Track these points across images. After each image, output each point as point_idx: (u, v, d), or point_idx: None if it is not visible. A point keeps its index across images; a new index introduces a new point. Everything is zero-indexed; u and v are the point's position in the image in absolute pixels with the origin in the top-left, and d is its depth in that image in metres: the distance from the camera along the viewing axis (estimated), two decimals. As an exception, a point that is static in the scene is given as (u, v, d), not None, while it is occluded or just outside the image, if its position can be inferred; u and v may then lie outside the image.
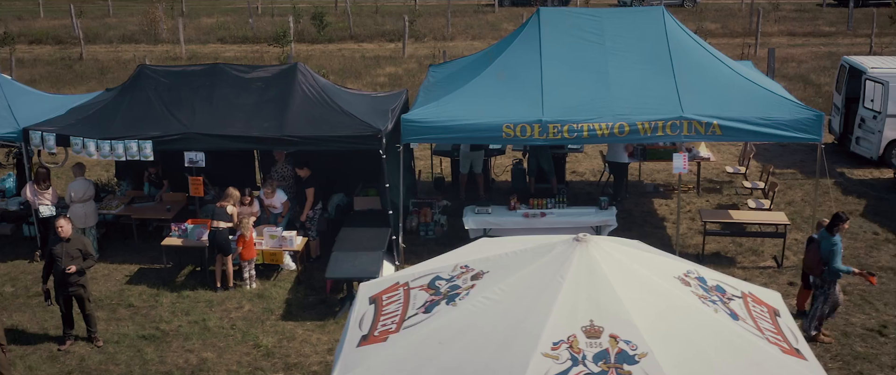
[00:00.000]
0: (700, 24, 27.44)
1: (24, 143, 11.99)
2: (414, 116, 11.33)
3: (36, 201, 11.93)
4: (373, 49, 25.99)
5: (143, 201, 12.85)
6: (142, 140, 11.52)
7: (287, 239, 11.30)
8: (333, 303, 10.92)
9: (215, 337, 10.07)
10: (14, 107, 12.44)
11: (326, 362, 9.59)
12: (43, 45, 27.88)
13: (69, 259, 9.66)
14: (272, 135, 11.33)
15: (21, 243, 13.00)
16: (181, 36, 25.05)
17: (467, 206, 12.23)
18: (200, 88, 12.21)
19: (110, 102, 12.43)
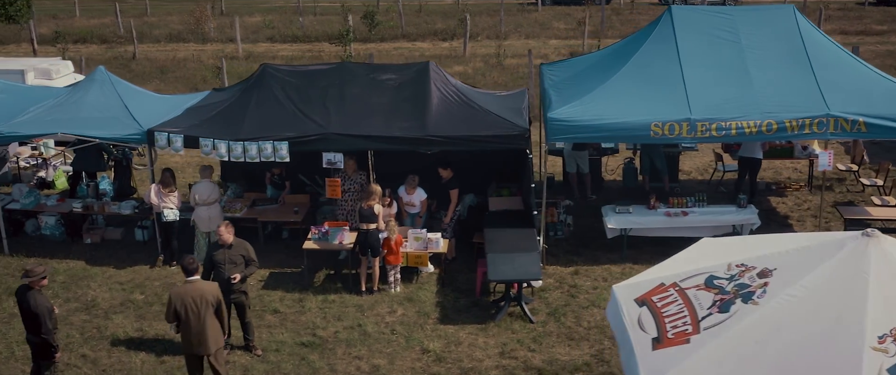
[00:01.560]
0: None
1: (149, 145, 11.71)
2: (560, 116, 11.08)
3: (161, 204, 11.58)
4: (427, 48, 25.74)
5: (265, 203, 12.56)
6: (277, 141, 11.21)
7: (433, 241, 11.04)
8: (486, 306, 10.68)
9: (378, 343, 9.81)
10: (130, 108, 12.15)
11: (502, 366, 9.35)
12: (88, 45, 27.28)
13: (232, 266, 9.34)
14: (415, 135, 11.09)
15: (134, 247, 12.57)
16: (238, 35, 24.59)
17: (605, 206, 12.05)
18: (329, 87, 11.95)
19: (234, 101, 12.09)
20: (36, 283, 8.18)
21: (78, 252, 12.47)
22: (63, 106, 12.26)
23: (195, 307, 8.20)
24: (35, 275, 8.17)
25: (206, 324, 8.30)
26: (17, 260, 12.24)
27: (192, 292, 8.24)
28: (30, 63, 17.26)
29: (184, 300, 8.19)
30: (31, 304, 8.08)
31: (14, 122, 12.05)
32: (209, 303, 8.31)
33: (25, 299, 8.15)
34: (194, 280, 8.33)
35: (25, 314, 8.21)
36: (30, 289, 8.18)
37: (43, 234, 13.02)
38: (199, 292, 8.26)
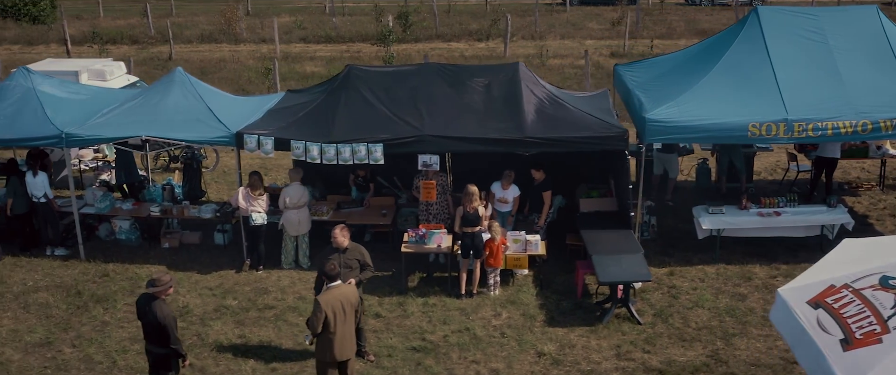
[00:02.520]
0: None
1: (238, 147, 11.52)
2: (657, 116, 10.99)
3: (249, 207, 11.41)
4: (463, 48, 25.65)
5: (350, 205, 12.38)
6: (372, 143, 11.10)
7: (531, 243, 10.93)
8: (589, 307, 10.61)
9: (491, 347, 9.68)
10: (213, 109, 11.92)
11: (621, 368, 9.27)
12: (118, 46, 26.88)
13: (347, 270, 9.13)
14: (512, 136, 11.00)
15: (215, 252, 12.37)
16: (276, 35, 24.30)
17: (697, 206, 11.98)
18: (418, 88, 11.84)
19: (321, 103, 11.94)
20: (162, 292, 7.96)
21: (157, 257, 12.27)
22: (143, 108, 12.03)
23: (342, 313, 8.02)
24: (162, 284, 7.93)
25: (350, 329, 8.16)
26: (95, 266, 12.03)
27: (339, 296, 8.06)
28: (82, 64, 16.94)
29: (332, 306, 7.98)
30: (159, 315, 7.84)
31: (92, 123, 11.81)
32: (353, 306, 8.17)
33: (151, 309, 7.90)
34: (337, 285, 8.14)
35: (150, 325, 7.96)
36: (155, 299, 7.95)
37: (118, 238, 12.80)
38: (345, 296, 8.09)
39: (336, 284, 8.25)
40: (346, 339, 8.26)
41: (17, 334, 10.24)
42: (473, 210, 10.67)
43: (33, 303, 11.03)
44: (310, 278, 11.66)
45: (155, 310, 7.98)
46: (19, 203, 12.41)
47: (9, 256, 12.40)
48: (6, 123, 12.08)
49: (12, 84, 12.69)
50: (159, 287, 8.01)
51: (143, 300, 8.16)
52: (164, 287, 8.03)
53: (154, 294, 8.03)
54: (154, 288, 8.02)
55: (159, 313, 7.96)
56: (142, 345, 10.35)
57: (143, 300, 8.19)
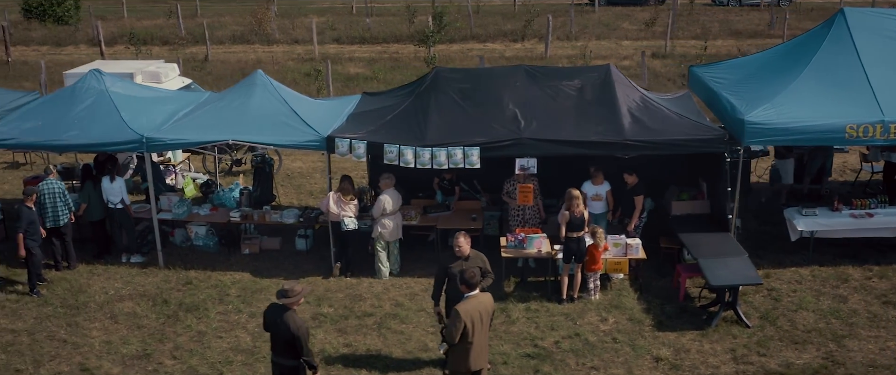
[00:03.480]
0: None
1: (328, 151, 11.29)
2: (757, 119, 10.85)
3: (340, 212, 11.24)
4: (500, 49, 25.49)
5: (437, 209, 12.17)
6: (468, 147, 10.91)
7: (632, 247, 10.79)
8: (693, 311, 10.48)
9: (606, 352, 9.55)
10: (300, 112, 11.68)
11: (741, 371, 9.15)
12: (148, 46, 26.44)
13: (469, 278, 9.04)
14: (611, 139, 10.84)
15: (298, 258, 12.15)
16: (314, 37, 24.01)
17: (789, 208, 11.89)
18: (509, 90, 11.67)
19: (409, 106, 11.73)
20: (294, 303, 7.74)
21: (239, 263, 12.03)
22: (225, 111, 11.78)
23: (480, 322, 7.84)
24: (294, 295, 7.70)
25: (486, 338, 7.98)
26: (176, 273, 11.77)
27: (477, 306, 7.86)
28: (136, 66, 16.63)
29: (471, 315, 7.78)
30: (292, 327, 7.60)
31: (172, 127, 11.57)
32: (489, 315, 7.99)
33: (282, 320, 7.65)
34: (475, 294, 7.94)
35: (281, 337, 7.70)
36: (286, 310, 7.72)
37: (194, 245, 12.56)
38: (482, 305, 7.90)
39: (474, 293, 8.06)
40: (482, 349, 8.08)
41: (112, 346, 9.98)
42: (580, 214, 10.55)
43: (120, 313, 10.78)
44: (402, 284, 11.50)
45: (287, 321, 7.74)
46: (94, 209, 12.14)
47: (82, 263, 12.13)
48: (83, 127, 11.77)
49: (84, 86, 12.39)
50: (291, 298, 7.77)
51: (273, 311, 7.92)
52: (296, 298, 7.79)
53: (285, 305, 7.82)
54: (286, 299, 7.78)
55: (292, 324, 7.72)
56: (246, 356, 10.26)
57: (272, 310, 7.95)
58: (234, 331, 10.32)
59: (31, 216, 11.21)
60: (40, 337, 10.16)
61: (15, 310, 10.88)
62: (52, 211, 11.62)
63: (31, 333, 10.28)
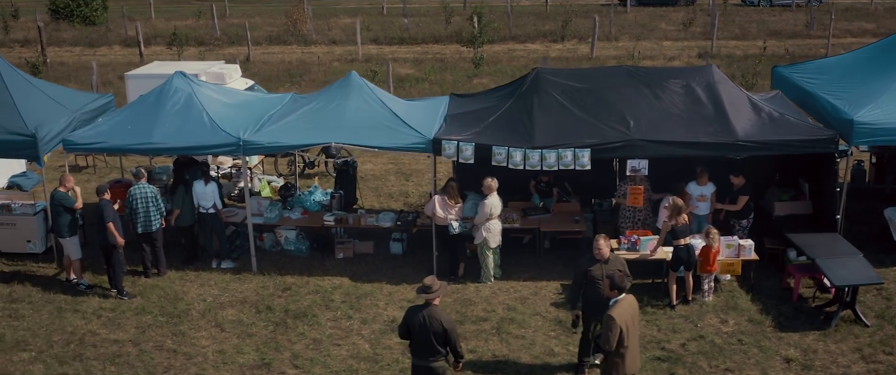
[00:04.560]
0: (858, 24, 27.57)
1: (433, 154, 11.08)
2: (866, 119, 10.81)
3: (446, 216, 11.03)
4: (542, 50, 25.35)
5: (536, 212, 11.97)
6: (579, 149, 10.78)
7: (744, 248, 10.67)
8: (808, 311, 10.39)
9: (736, 354, 9.44)
10: (399, 114, 11.49)
11: (872, 370, 9.08)
12: (185, 47, 26.04)
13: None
14: (723, 140, 10.73)
15: (394, 261, 11.92)
16: (358, 38, 23.77)
17: (890, 208, 11.83)
18: (613, 91, 11.53)
19: (511, 107, 11.56)
20: (436, 297, 7.65)
21: (336, 268, 11.79)
22: (321, 114, 11.54)
23: (633, 325, 7.71)
24: (436, 289, 7.63)
25: (637, 341, 7.85)
26: (272, 279, 11.50)
27: (628, 309, 7.72)
28: (199, 67, 16.29)
29: (624, 319, 7.64)
30: (440, 319, 7.53)
31: (269, 130, 11.27)
32: (638, 317, 7.88)
33: (429, 316, 7.56)
34: (624, 297, 7.79)
35: (428, 333, 7.57)
36: (429, 305, 7.63)
37: (285, 249, 12.31)
38: (633, 307, 7.77)
39: (623, 296, 7.91)
40: (636, 352, 7.94)
41: (226, 355, 9.70)
42: (684, 223, 10.39)
43: (224, 320, 10.50)
44: (508, 288, 11.29)
45: (434, 315, 7.67)
46: (185, 214, 11.82)
47: (172, 270, 11.83)
48: (174, 130, 11.50)
49: (171, 89, 12.09)
50: (433, 293, 7.72)
51: (416, 312, 7.81)
52: (438, 292, 7.75)
53: (428, 301, 7.73)
54: (428, 294, 7.71)
55: (439, 317, 7.67)
56: (369, 363, 10.01)
57: (414, 311, 7.84)
58: (350, 338, 10.11)
59: (112, 208, 11.03)
60: (147, 348, 9.88)
61: (112, 319, 10.59)
62: (144, 216, 11.34)
63: (135, 343, 10.01)
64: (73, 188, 11.44)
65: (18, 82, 12.61)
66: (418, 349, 7.80)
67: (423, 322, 7.62)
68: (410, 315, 7.83)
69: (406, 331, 7.89)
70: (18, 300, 11.16)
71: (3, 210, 12.30)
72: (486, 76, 22.12)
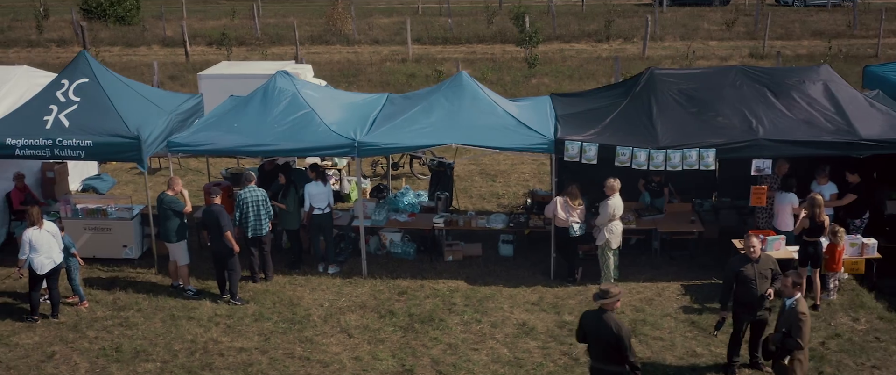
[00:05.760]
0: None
1: (555, 154, 10.88)
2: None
3: (568, 218, 10.85)
4: (588, 49, 25.25)
5: (650, 212, 11.82)
6: (704, 149, 10.64)
7: (868, 246, 10.59)
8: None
9: (877, 352, 9.40)
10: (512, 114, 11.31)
11: None
12: (222, 48, 25.70)
13: (763, 281, 8.70)
14: (848, 139, 10.60)
15: (505, 263, 11.68)
16: (408, 38, 23.54)
17: None
18: (730, 91, 11.38)
19: (627, 107, 11.34)
20: (612, 304, 7.49)
21: (448, 271, 11.56)
22: (434, 113, 11.27)
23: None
24: (612, 296, 7.47)
25: None
26: (384, 283, 11.27)
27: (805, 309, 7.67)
28: (273, 67, 15.95)
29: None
30: (613, 328, 7.37)
31: (382, 131, 11.02)
32: None
33: (604, 323, 7.39)
34: (800, 297, 7.71)
35: (602, 340, 7.42)
36: (605, 312, 7.46)
37: (391, 252, 12.08)
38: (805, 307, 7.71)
39: (800, 295, 7.84)
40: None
41: (362, 362, 9.46)
42: (821, 221, 10.30)
43: (349, 326, 10.25)
44: (630, 289, 11.08)
45: (608, 323, 7.50)
46: (293, 218, 11.55)
47: (278, 274, 11.55)
48: (286, 131, 11.22)
49: (276, 88, 11.83)
50: (609, 299, 7.55)
51: (591, 317, 7.67)
52: (614, 299, 7.58)
53: (604, 307, 7.56)
54: (604, 300, 7.55)
55: (614, 325, 7.49)
56: (512, 368, 9.79)
57: (589, 316, 7.71)
58: (486, 343, 9.89)
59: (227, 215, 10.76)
60: (277, 355, 9.62)
61: (231, 326, 10.30)
62: (254, 220, 11.06)
63: (263, 351, 9.73)
64: (181, 192, 11.18)
65: (114, 84, 12.34)
66: (595, 352, 7.66)
67: (597, 327, 7.47)
68: (585, 319, 7.69)
69: (582, 334, 7.76)
70: (126, 308, 10.89)
71: (99, 215, 12.00)
72: (545, 76, 21.96)
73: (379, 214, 11.89)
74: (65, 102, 11.67)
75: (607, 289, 7.60)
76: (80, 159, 11.37)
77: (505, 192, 14.61)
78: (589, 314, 7.69)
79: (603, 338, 7.48)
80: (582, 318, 7.75)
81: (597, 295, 7.61)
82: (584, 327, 7.67)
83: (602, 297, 7.55)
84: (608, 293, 7.56)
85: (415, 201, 12.90)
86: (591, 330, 7.60)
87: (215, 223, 10.61)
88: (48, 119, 11.51)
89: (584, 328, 7.68)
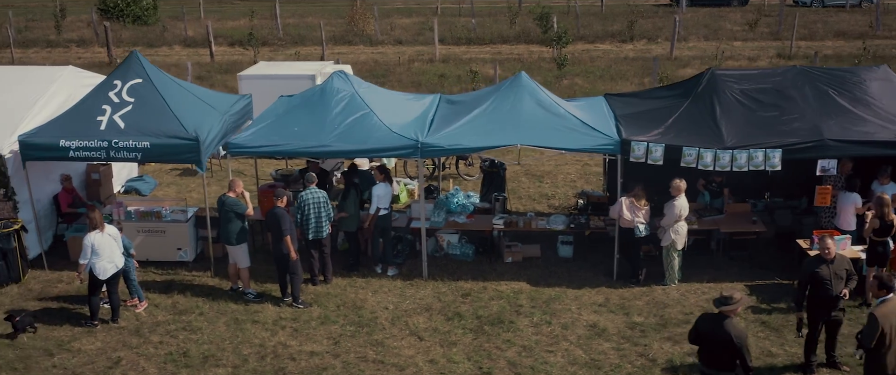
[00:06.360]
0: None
1: (621, 155, 10.79)
2: None
3: (634, 218, 10.79)
4: (614, 50, 25.29)
5: (710, 213, 11.76)
6: (770, 149, 10.63)
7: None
8: None
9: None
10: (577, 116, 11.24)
11: None
12: (249, 48, 25.54)
13: (838, 281, 8.70)
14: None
15: (565, 264, 11.60)
16: (436, 37, 23.47)
17: None
18: (792, 90, 11.38)
19: (690, 107, 11.31)
20: (734, 310, 7.42)
21: (509, 272, 11.49)
22: (496, 114, 11.16)
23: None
24: (734, 302, 7.40)
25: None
26: (446, 285, 11.17)
27: (894, 309, 7.60)
28: (315, 68, 15.89)
29: (889, 320, 7.53)
30: (733, 334, 7.32)
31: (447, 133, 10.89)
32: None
33: (723, 329, 7.35)
34: (891, 298, 7.66)
35: (718, 345, 7.38)
36: (726, 318, 7.42)
37: (449, 254, 11.99)
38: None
39: (890, 297, 7.78)
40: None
41: (438, 365, 9.36)
42: (890, 221, 10.21)
43: (418, 328, 10.14)
44: (695, 290, 11.03)
45: (728, 329, 7.44)
46: (353, 220, 11.43)
47: (337, 277, 11.43)
48: (347, 132, 11.10)
49: (333, 89, 11.71)
50: (732, 305, 7.48)
51: (708, 321, 7.61)
52: (737, 305, 7.51)
53: (725, 313, 7.49)
54: (727, 306, 7.48)
55: (734, 332, 7.43)
56: (590, 370, 9.67)
57: (706, 320, 7.64)
58: (560, 344, 9.82)
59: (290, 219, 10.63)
60: (350, 359, 9.50)
61: (298, 330, 10.18)
62: (315, 222, 10.94)
63: (335, 355, 9.61)
64: (242, 194, 11.06)
65: (167, 84, 12.19)
66: (707, 358, 7.62)
67: (713, 333, 7.42)
68: (702, 323, 7.64)
69: (696, 337, 7.71)
70: (186, 312, 10.74)
71: (154, 217, 11.87)
72: (576, 77, 21.96)
73: (438, 215, 11.79)
74: (119, 103, 11.52)
75: (730, 295, 7.55)
76: (136, 161, 11.18)
77: (554, 193, 14.54)
78: (707, 318, 7.64)
79: (720, 343, 7.44)
80: (699, 321, 7.70)
81: (719, 301, 7.54)
82: (700, 330, 7.61)
83: (725, 303, 7.49)
84: (731, 299, 7.51)
85: (465, 202, 12.75)
86: (707, 335, 7.55)
87: (277, 226, 10.50)
88: (102, 120, 11.37)
89: (699, 331, 7.62)
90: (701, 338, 7.64)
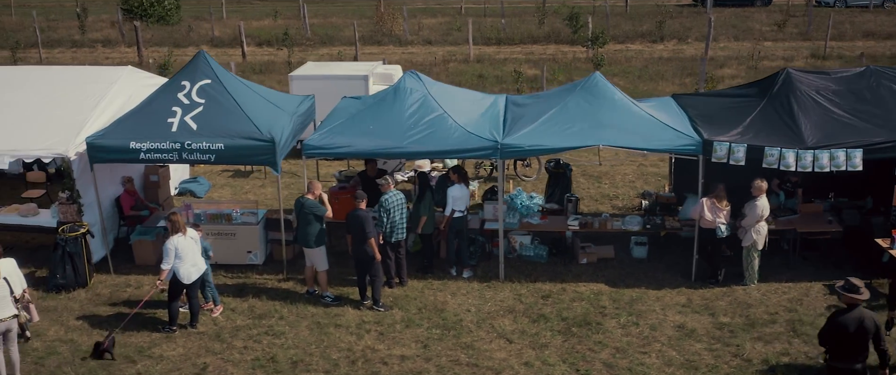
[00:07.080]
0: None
1: (703, 155, 10.70)
2: None
3: (715, 219, 10.77)
4: (646, 50, 25.29)
5: (783, 213, 11.71)
6: (851, 149, 10.58)
7: None
8: None
9: None
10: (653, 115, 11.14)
11: None
12: (270, 47, 25.31)
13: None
14: None
15: (640, 266, 11.53)
16: (470, 38, 23.35)
17: None
18: (868, 91, 11.33)
19: (767, 107, 11.24)
20: (863, 297, 7.50)
21: (586, 274, 11.40)
22: (572, 114, 11.06)
23: None
24: (863, 289, 7.50)
25: None
26: (523, 286, 11.07)
27: None
28: (367, 68, 15.74)
29: None
30: (873, 320, 7.51)
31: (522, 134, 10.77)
32: None
33: (864, 319, 7.49)
34: None
35: (862, 337, 7.52)
36: (857, 307, 7.54)
37: (522, 255, 11.91)
38: None
39: None
40: None
41: (535, 368, 9.29)
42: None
43: (505, 331, 10.04)
44: (774, 289, 10.99)
45: (868, 316, 7.59)
46: (429, 222, 11.34)
47: (412, 279, 11.32)
48: (423, 133, 10.99)
49: (406, 89, 11.60)
50: (862, 294, 7.59)
51: (852, 316, 7.61)
52: (865, 291, 7.63)
53: (856, 301, 7.55)
54: (858, 295, 7.56)
55: (871, 318, 7.59)
56: (688, 371, 9.55)
57: (842, 313, 7.67)
58: (652, 345, 9.76)
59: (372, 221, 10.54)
60: (443, 363, 9.41)
61: (383, 333, 10.07)
62: (399, 224, 10.84)
63: (426, 358, 9.52)
64: (321, 196, 10.93)
65: (235, 85, 12.03)
66: (848, 351, 7.66)
67: (858, 324, 7.50)
68: (841, 320, 7.65)
69: (833, 334, 7.69)
70: (266, 316, 10.61)
71: (224, 220, 11.71)
72: (615, 76, 21.87)
73: (512, 217, 11.72)
74: (189, 104, 11.34)
75: (858, 284, 7.61)
76: (210, 163, 11.03)
77: (616, 194, 14.47)
78: (844, 314, 7.64)
79: (864, 334, 7.53)
80: (835, 320, 7.69)
81: (848, 288, 7.60)
82: (839, 328, 7.60)
83: (855, 291, 7.56)
84: (860, 287, 7.57)
85: (529, 203, 12.67)
86: (850, 330, 7.56)
87: (360, 229, 10.40)
88: (173, 122, 11.19)
89: (838, 329, 7.61)
90: (841, 334, 7.62)
